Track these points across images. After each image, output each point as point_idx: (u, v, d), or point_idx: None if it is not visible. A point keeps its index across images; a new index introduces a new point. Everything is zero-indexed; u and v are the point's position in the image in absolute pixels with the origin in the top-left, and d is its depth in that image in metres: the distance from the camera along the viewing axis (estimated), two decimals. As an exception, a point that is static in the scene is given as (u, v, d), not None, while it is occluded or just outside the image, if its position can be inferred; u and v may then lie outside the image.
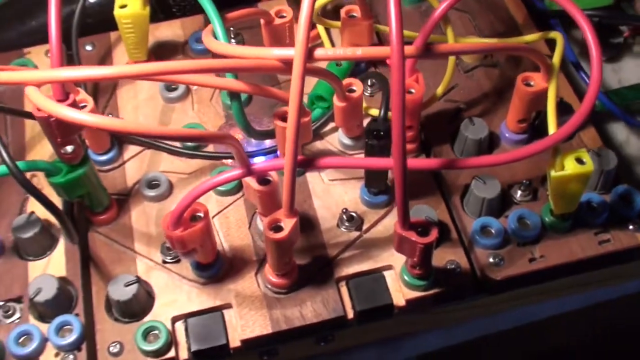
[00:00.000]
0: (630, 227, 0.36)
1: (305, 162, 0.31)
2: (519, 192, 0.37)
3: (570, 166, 0.33)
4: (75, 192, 0.35)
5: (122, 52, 0.43)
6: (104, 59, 0.43)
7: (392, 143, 0.30)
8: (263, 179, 0.33)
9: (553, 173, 0.33)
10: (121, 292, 0.34)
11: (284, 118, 0.35)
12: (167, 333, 0.34)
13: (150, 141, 0.40)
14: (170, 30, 0.45)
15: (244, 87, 0.33)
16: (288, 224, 0.32)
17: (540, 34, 0.40)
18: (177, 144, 0.40)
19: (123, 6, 0.39)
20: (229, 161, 0.39)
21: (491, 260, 0.35)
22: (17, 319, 0.35)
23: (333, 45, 0.43)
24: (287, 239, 0.32)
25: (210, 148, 0.40)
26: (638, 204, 0.36)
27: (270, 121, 0.40)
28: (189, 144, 0.39)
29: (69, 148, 0.33)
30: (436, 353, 0.40)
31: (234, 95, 0.35)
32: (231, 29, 0.43)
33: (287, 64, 0.30)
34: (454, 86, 0.41)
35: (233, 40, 0.43)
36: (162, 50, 0.44)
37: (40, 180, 0.39)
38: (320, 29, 0.43)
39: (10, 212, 0.38)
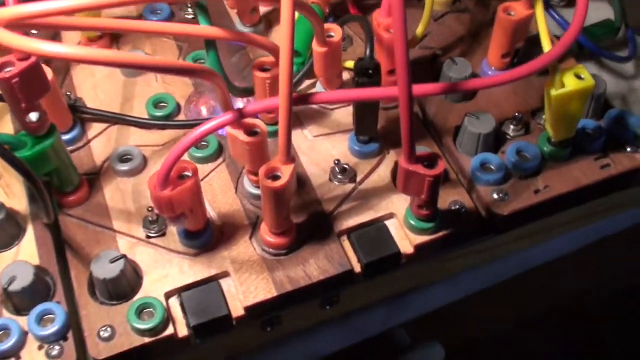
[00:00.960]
0: (628, 149, 0.35)
1: (301, 99, 0.29)
2: (511, 127, 0.36)
3: (570, 82, 0.31)
4: (43, 167, 0.31)
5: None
6: (54, 38, 0.40)
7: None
8: (251, 131, 0.31)
9: (554, 92, 0.31)
10: (106, 269, 0.30)
11: (263, 69, 0.33)
12: (162, 308, 0.30)
13: (115, 115, 0.37)
14: (121, 8, 0.42)
15: (222, 34, 0.31)
16: (286, 170, 0.29)
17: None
18: (145, 116, 0.37)
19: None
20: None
21: (495, 196, 0.34)
22: (-10, 315, 0.31)
23: None
24: (286, 186, 0.29)
25: (181, 117, 0.37)
26: (632, 126, 0.35)
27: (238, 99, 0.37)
28: (158, 114, 0.37)
29: (34, 116, 0.30)
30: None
31: (210, 44, 0.32)
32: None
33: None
34: (426, 34, 0.40)
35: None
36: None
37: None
38: None
39: (-32, 205, 0.34)
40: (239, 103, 0.37)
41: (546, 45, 0.32)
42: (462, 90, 0.32)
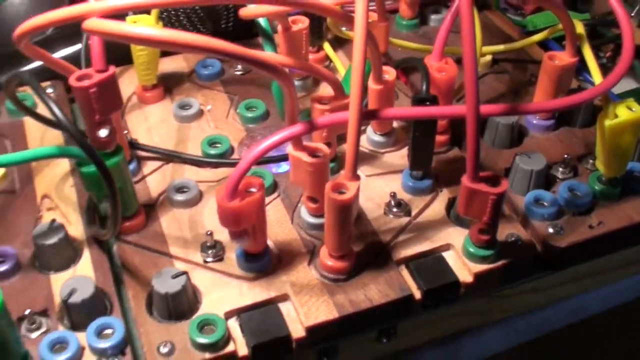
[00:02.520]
0: (678, 190, 0.36)
1: (370, 114, 0.30)
2: (560, 170, 0.37)
3: (623, 113, 0.33)
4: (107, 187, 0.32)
5: (128, 80, 0.42)
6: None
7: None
8: (314, 154, 0.32)
9: (607, 122, 0.33)
10: (168, 284, 0.30)
11: (321, 102, 0.34)
12: (224, 324, 0.30)
13: (171, 153, 0.37)
14: (174, 63, 0.44)
15: (292, 62, 0.32)
16: (352, 186, 0.30)
17: (548, 31, 0.42)
18: (199, 153, 0.38)
19: (136, 22, 0.38)
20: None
21: (551, 230, 0.34)
22: (45, 331, 0.30)
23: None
24: (352, 201, 0.30)
25: (236, 156, 0.38)
26: (679, 171, 0.36)
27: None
28: (213, 152, 0.37)
29: (104, 132, 0.31)
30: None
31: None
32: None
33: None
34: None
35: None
36: (169, 80, 0.43)
37: (53, 200, 0.36)
38: (327, 47, 0.43)
39: (23, 232, 0.34)
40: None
41: (597, 77, 0.33)
42: (524, 112, 0.33)
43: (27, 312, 0.30)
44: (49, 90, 0.42)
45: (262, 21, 0.35)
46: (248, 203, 0.30)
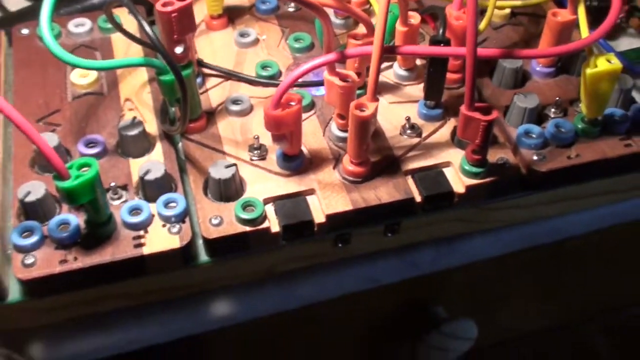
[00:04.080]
0: (649, 135, 0.43)
1: (390, 49, 0.38)
2: (552, 110, 0.44)
3: (602, 65, 0.39)
4: (179, 92, 0.40)
5: (199, 10, 0.50)
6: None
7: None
8: (345, 79, 0.39)
9: (589, 70, 0.39)
10: (222, 172, 0.39)
11: (355, 38, 0.42)
12: (261, 206, 0.38)
13: (230, 72, 0.45)
14: (237, -3, 0.52)
15: (330, 2, 0.39)
16: (371, 106, 0.38)
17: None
18: (253, 74, 0.46)
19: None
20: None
21: (535, 157, 0.41)
22: (124, 200, 0.39)
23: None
24: (371, 117, 0.37)
25: (283, 79, 0.46)
26: (653, 118, 0.43)
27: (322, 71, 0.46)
28: (264, 74, 0.45)
29: (180, 49, 0.39)
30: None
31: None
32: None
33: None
34: (485, 38, 0.49)
35: None
36: (232, 11, 0.50)
37: (133, 102, 0.44)
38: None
39: (110, 125, 0.43)
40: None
41: (585, 32, 0.40)
42: (516, 57, 0.40)
43: (111, 184, 0.39)
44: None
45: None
46: (287, 113, 0.38)
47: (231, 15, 0.50)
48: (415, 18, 0.43)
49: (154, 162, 0.39)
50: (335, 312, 0.47)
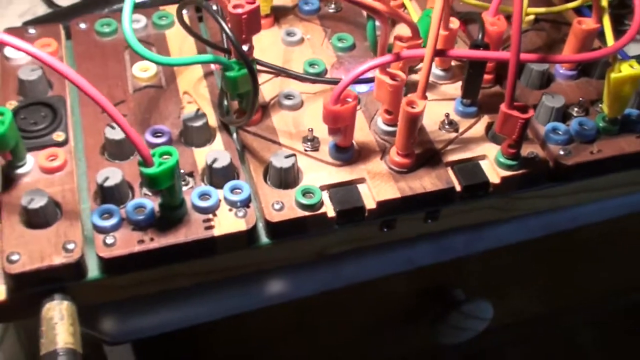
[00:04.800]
0: (663, 134, 0.47)
1: (440, 52, 0.42)
2: (575, 109, 0.48)
3: (626, 70, 0.44)
4: (242, 87, 0.43)
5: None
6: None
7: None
8: (394, 78, 0.43)
9: (613, 75, 0.44)
10: (283, 161, 0.42)
11: (401, 40, 0.45)
12: (319, 193, 0.42)
13: (281, 69, 0.49)
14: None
15: (383, 7, 0.43)
16: (421, 103, 0.41)
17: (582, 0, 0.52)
18: (300, 71, 0.49)
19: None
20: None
21: (561, 152, 0.46)
22: (191, 187, 0.43)
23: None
24: (420, 113, 0.41)
25: (329, 75, 0.50)
26: (667, 118, 0.48)
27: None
28: (312, 71, 0.49)
29: (245, 47, 0.42)
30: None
31: (369, 16, 0.45)
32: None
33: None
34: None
35: None
36: (278, 11, 0.54)
37: (192, 96, 0.48)
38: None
39: (172, 116, 0.46)
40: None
41: (610, 40, 0.44)
42: (551, 61, 0.44)
43: (180, 171, 0.43)
44: (184, 11, 0.53)
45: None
46: (345, 109, 0.41)
47: (277, 15, 0.53)
48: (454, 23, 0.47)
49: (219, 152, 0.43)
50: (371, 291, 0.51)
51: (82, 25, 0.52)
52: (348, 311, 0.56)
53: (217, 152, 0.43)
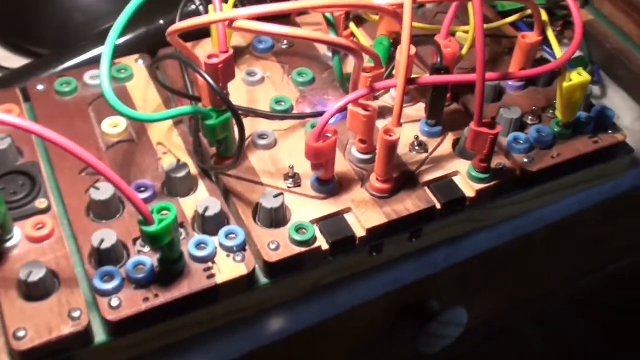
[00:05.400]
0: (610, 131, 0.51)
1: (411, 81, 0.44)
2: (530, 118, 0.51)
3: (576, 78, 0.47)
4: (221, 133, 0.44)
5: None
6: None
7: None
8: (366, 109, 0.45)
9: (565, 84, 0.47)
10: (272, 202, 0.43)
11: (365, 71, 0.47)
12: (312, 228, 0.43)
13: (250, 109, 0.50)
14: (234, 39, 0.56)
15: (348, 43, 0.45)
16: (397, 130, 0.43)
17: (518, 15, 0.56)
18: (267, 110, 0.50)
19: (216, 9, 0.51)
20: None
21: (525, 160, 0.49)
22: (184, 237, 0.43)
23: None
24: (398, 141, 0.43)
25: (295, 111, 0.51)
26: (610, 116, 0.51)
27: (326, 101, 0.52)
28: (279, 108, 0.50)
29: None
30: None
31: (335, 52, 0.47)
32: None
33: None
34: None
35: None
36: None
37: (166, 146, 0.48)
38: (352, 26, 0.56)
39: (150, 169, 0.46)
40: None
41: (557, 52, 0.48)
42: (512, 78, 0.47)
43: (173, 224, 0.43)
44: (140, 62, 0.53)
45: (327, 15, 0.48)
46: (327, 144, 0.43)
47: (236, 55, 0.54)
48: (412, 49, 0.49)
49: (208, 199, 0.43)
50: (358, 314, 0.53)
51: (40, 87, 0.51)
52: (335, 338, 0.57)
53: (206, 200, 0.43)
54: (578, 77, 0.47)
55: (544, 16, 0.50)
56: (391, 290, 0.50)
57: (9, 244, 0.42)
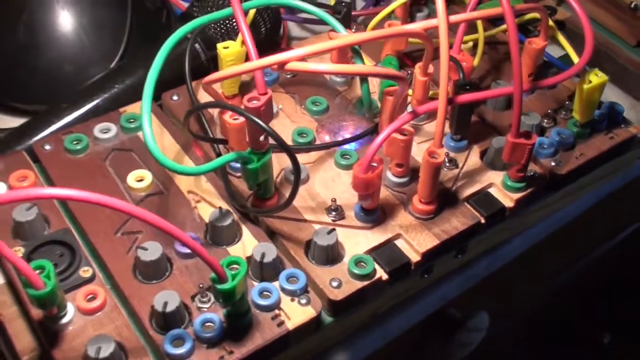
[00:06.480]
0: (622, 126, 0.53)
1: (450, 100, 0.44)
2: (545, 121, 0.52)
3: (594, 79, 0.48)
4: (262, 176, 0.43)
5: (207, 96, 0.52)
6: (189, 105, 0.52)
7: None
8: (403, 132, 0.45)
9: (586, 86, 0.48)
10: (327, 239, 0.42)
11: (389, 94, 0.47)
12: (371, 260, 0.43)
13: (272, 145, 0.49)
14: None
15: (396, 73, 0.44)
16: (441, 152, 0.43)
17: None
18: (290, 143, 0.49)
19: (226, 47, 0.49)
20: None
21: (553, 164, 0.49)
22: (243, 286, 0.42)
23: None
24: (442, 162, 0.43)
25: (317, 141, 0.50)
26: (620, 111, 0.53)
27: (345, 127, 0.51)
28: (302, 140, 0.49)
29: (262, 137, 0.42)
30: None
31: (363, 79, 0.46)
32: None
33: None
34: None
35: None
36: (241, 88, 0.53)
37: (197, 194, 0.46)
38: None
39: (187, 220, 0.45)
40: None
41: (574, 58, 0.49)
42: (545, 86, 0.49)
43: (226, 275, 0.42)
44: (174, 98, 0.51)
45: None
46: (376, 174, 0.42)
47: (243, 93, 0.53)
48: (430, 68, 0.49)
49: (263, 245, 0.42)
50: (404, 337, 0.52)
51: (48, 147, 0.48)
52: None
53: (261, 246, 0.42)
54: (596, 78, 0.48)
55: (550, 22, 0.51)
56: (439, 307, 0.50)
57: (63, 320, 0.39)
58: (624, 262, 0.85)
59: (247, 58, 0.43)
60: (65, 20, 0.55)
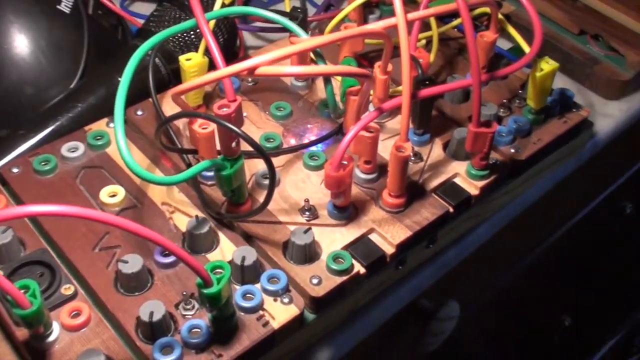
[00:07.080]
0: (574, 110, 0.55)
1: (413, 95, 0.45)
2: (501, 110, 0.54)
3: (545, 67, 0.51)
4: (236, 182, 0.44)
5: (170, 109, 0.53)
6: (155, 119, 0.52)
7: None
8: (369, 129, 0.46)
9: (538, 73, 0.50)
10: (304, 238, 0.43)
11: (352, 94, 0.48)
12: (348, 255, 0.44)
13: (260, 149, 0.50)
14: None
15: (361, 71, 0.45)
16: (407, 146, 0.45)
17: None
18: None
19: (188, 59, 0.50)
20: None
21: (512, 150, 0.51)
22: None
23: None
24: (409, 156, 0.45)
25: (284, 145, 0.51)
26: (571, 96, 0.55)
27: (310, 130, 0.52)
28: (270, 145, 0.50)
29: (234, 143, 0.43)
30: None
31: (327, 80, 0.47)
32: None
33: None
34: (417, 68, 0.58)
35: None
36: (207, 98, 0.54)
37: (171, 205, 0.47)
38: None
39: (164, 230, 0.45)
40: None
41: (526, 48, 0.51)
42: (500, 77, 0.51)
43: (208, 281, 0.42)
44: (112, 125, 0.52)
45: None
46: (347, 172, 0.44)
47: (207, 103, 0.54)
48: (389, 67, 0.51)
49: (242, 249, 0.43)
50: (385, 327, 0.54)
51: (16, 170, 0.48)
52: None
53: (240, 250, 0.43)
54: (547, 65, 0.51)
55: (500, 15, 0.53)
56: (415, 296, 0.51)
57: (49, 339, 0.39)
58: (580, 245, 0.88)
59: (213, 67, 0.44)
60: (22, 44, 0.55)
